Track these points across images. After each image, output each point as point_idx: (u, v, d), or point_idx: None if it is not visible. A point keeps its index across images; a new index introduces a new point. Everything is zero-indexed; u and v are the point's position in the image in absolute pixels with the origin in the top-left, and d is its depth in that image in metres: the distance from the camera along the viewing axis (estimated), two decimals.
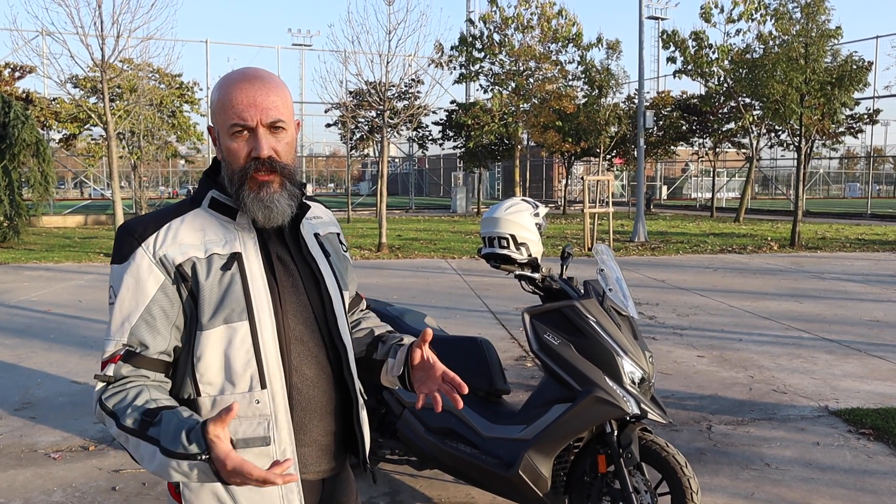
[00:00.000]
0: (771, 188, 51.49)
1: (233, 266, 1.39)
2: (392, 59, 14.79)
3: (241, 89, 1.37)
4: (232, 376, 1.38)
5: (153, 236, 1.38)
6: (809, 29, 15.45)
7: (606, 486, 2.90)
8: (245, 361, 1.38)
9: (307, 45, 38.62)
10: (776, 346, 6.65)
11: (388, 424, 3.44)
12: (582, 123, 25.09)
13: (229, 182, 1.42)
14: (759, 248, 15.69)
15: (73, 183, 44.71)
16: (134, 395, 1.32)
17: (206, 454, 1.20)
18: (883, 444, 4.26)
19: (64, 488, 3.64)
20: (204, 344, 1.37)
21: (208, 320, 1.36)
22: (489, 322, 7.73)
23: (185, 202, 1.47)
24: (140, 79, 17.91)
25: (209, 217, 1.44)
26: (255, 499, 1.39)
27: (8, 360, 6.13)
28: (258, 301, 1.39)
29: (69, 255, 14.16)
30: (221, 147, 1.42)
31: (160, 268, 1.37)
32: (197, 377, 1.38)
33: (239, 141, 1.38)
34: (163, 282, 1.36)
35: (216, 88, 1.42)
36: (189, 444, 1.21)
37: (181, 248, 1.38)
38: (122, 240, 1.39)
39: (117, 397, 1.32)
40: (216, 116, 1.41)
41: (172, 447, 1.23)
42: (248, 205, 1.39)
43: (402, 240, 17.47)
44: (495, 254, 3.09)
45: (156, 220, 1.42)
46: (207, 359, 1.37)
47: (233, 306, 1.37)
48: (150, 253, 1.37)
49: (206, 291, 1.37)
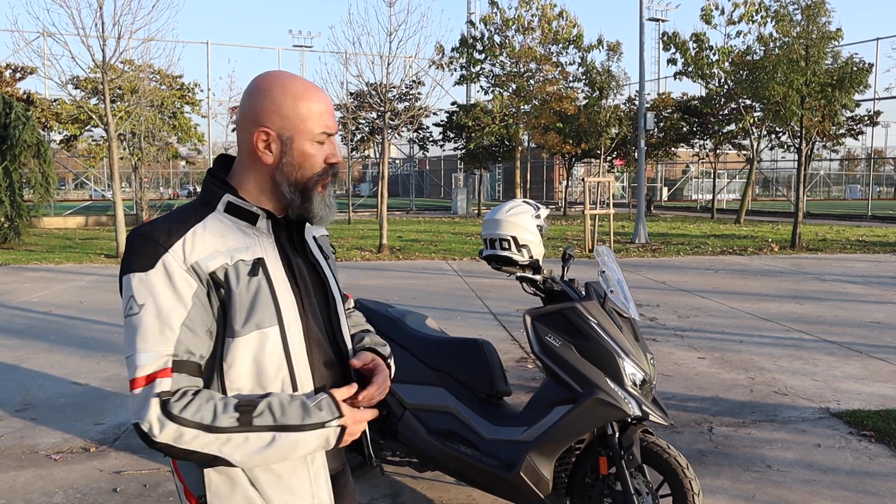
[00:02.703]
0: (771, 190, 51.48)
1: (258, 271, 1.39)
2: (393, 61, 14.81)
3: (324, 101, 1.44)
4: (264, 381, 1.38)
5: (179, 242, 1.34)
6: (810, 31, 15.46)
7: (608, 488, 2.90)
8: (277, 366, 1.39)
9: (308, 47, 38.65)
10: (777, 348, 6.65)
11: (389, 426, 3.43)
12: (583, 125, 25.08)
13: (293, 185, 1.42)
14: (760, 250, 15.69)
15: (73, 184, 44.73)
16: (207, 398, 1.30)
17: (339, 416, 1.36)
18: (884, 446, 4.25)
19: (65, 490, 3.64)
20: (235, 351, 1.36)
21: (241, 326, 1.36)
22: (490, 323, 7.73)
23: (196, 206, 1.43)
24: (141, 80, 17.91)
25: (227, 222, 1.41)
26: (287, 499, 1.41)
27: (9, 361, 6.13)
28: (285, 305, 1.41)
29: (70, 256, 14.17)
30: (292, 152, 1.42)
31: (192, 275, 1.33)
32: (226, 384, 1.36)
33: (318, 147, 1.44)
34: (196, 289, 1.33)
35: (286, 94, 1.41)
36: (323, 413, 1.35)
37: (211, 254, 1.35)
38: (144, 246, 1.33)
39: (193, 406, 1.28)
40: (287, 122, 1.40)
41: (305, 421, 1.33)
42: (316, 205, 1.44)
43: (402, 241, 17.47)
44: (497, 255, 3.09)
45: (177, 224, 1.37)
46: (238, 365, 1.37)
47: (263, 311, 1.37)
48: (181, 259, 1.33)
49: (238, 298, 1.36)
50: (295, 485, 1.41)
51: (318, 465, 1.45)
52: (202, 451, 1.28)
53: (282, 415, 1.32)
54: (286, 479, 1.41)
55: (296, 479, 1.42)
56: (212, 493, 1.38)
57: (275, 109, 1.40)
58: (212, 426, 1.27)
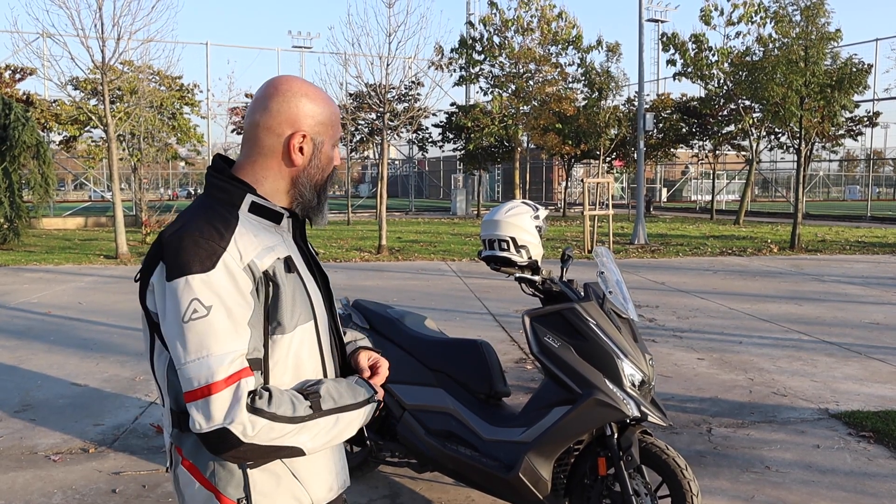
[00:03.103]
0: (771, 190, 51.50)
1: (292, 269, 1.43)
2: (392, 62, 14.83)
3: (334, 105, 1.53)
4: (302, 375, 1.44)
5: (232, 242, 1.34)
6: (809, 31, 15.47)
7: (607, 489, 2.90)
8: (313, 358, 1.46)
9: (307, 48, 38.61)
10: (776, 349, 6.65)
11: (387, 427, 3.44)
12: (582, 126, 25.09)
13: (314, 187, 1.50)
14: (759, 251, 15.69)
15: (73, 185, 44.71)
16: (280, 392, 1.34)
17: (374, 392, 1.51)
18: (883, 447, 4.25)
19: (64, 490, 3.64)
20: (281, 347, 1.39)
21: (289, 322, 1.39)
22: (489, 324, 7.73)
23: (216, 205, 1.41)
24: (140, 81, 17.91)
25: (253, 221, 1.42)
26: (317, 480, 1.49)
27: (8, 362, 6.13)
28: (316, 300, 1.48)
29: (69, 256, 14.16)
30: (321, 155, 1.49)
31: (248, 273, 1.34)
32: (270, 381, 1.38)
33: (335, 152, 1.54)
34: (251, 287, 1.34)
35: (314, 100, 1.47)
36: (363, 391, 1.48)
37: (261, 252, 1.37)
38: (198, 247, 1.31)
39: (275, 401, 1.31)
40: (321, 127, 1.48)
41: (357, 399, 1.45)
42: (325, 207, 1.54)
43: (402, 242, 17.47)
44: (496, 256, 3.10)
45: (220, 224, 1.36)
46: (283, 362, 1.40)
47: (301, 308, 1.42)
48: (238, 258, 1.33)
49: (285, 295, 1.39)
50: (324, 468, 1.51)
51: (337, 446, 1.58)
52: (284, 443, 1.32)
53: (339, 397, 1.41)
54: (318, 463, 1.49)
55: (325, 462, 1.51)
56: (257, 493, 1.39)
57: (311, 114, 1.46)
58: (294, 417, 1.32)
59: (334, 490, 1.54)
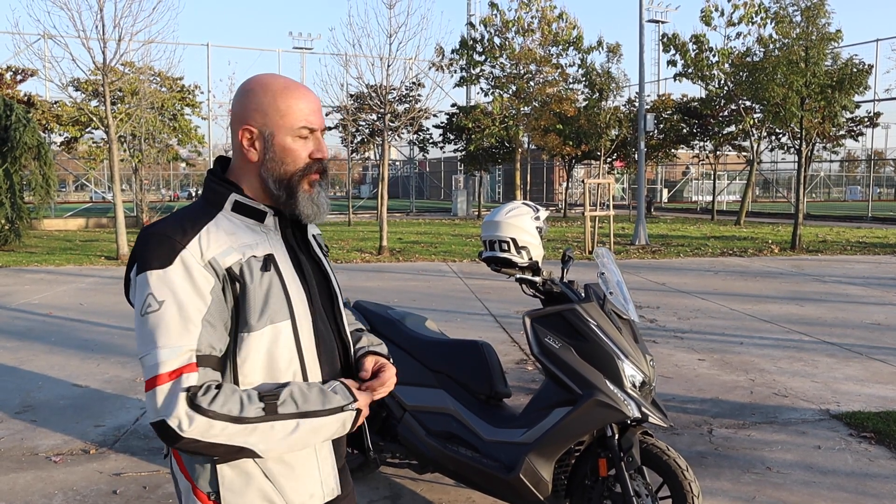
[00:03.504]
0: (772, 191, 51.47)
1: (270, 267, 1.43)
2: (393, 63, 14.82)
3: (304, 96, 1.47)
4: (276, 374, 1.41)
5: (195, 240, 1.37)
6: (810, 32, 15.46)
7: (607, 490, 2.90)
8: (289, 359, 1.42)
9: (308, 49, 38.65)
10: (777, 350, 6.65)
11: (388, 428, 3.43)
12: (582, 126, 25.08)
13: (278, 182, 1.46)
14: (760, 252, 15.68)
15: (74, 186, 44.75)
16: (232, 390, 1.33)
17: (354, 400, 1.43)
18: (884, 448, 4.25)
19: (65, 492, 3.64)
20: (249, 345, 1.39)
21: (256, 321, 1.39)
22: (490, 325, 7.73)
23: (203, 206, 1.46)
24: (141, 82, 17.94)
25: (235, 220, 1.45)
26: (297, 487, 1.44)
27: (9, 363, 6.14)
28: (296, 300, 1.45)
29: (70, 257, 14.17)
30: (274, 147, 1.46)
31: (209, 270, 1.36)
32: (239, 378, 1.39)
33: (300, 143, 1.47)
34: (213, 284, 1.36)
35: (265, 92, 1.46)
36: (339, 397, 1.41)
37: (226, 251, 1.38)
38: (159, 244, 1.35)
39: (220, 399, 1.30)
40: (274, 118, 1.45)
41: (325, 406, 1.39)
42: (301, 203, 1.47)
43: (402, 243, 17.47)
44: (496, 257, 3.10)
45: (190, 223, 1.40)
46: (252, 359, 1.39)
47: (276, 306, 1.41)
48: (198, 256, 1.35)
49: (252, 293, 1.39)
50: (305, 473, 1.45)
51: (325, 452, 1.49)
52: (229, 442, 1.30)
53: (304, 402, 1.36)
54: (297, 468, 1.44)
55: (306, 467, 1.45)
56: (226, 489, 1.39)
57: (256, 107, 1.45)
58: (240, 417, 1.30)
59: (317, 497, 1.47)
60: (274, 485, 1.41)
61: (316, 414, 1.37)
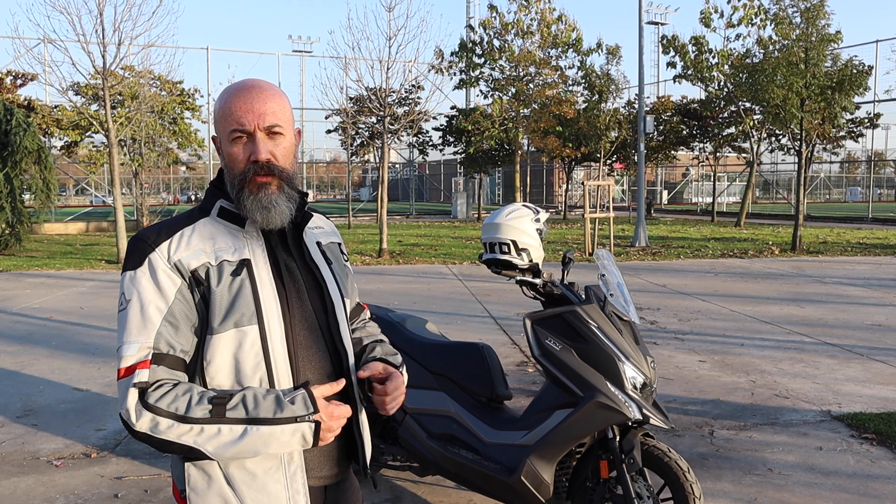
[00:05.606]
0: (772, 192, 51.46)
1: (242, 272, 1.43)
2: (392, 65, 14.83)
3: (240, 97, 1.44)
4: (242, 379, 1.41)
5: (166, 243, 1.42)
6: (809, 33, 15.47)
7: (609, 492, 2.90)
8: (255, 364, 1.41)
9: (308, 52, 38.73)
10: (778, 351, 6.65)
11: (389, 430, 3.44)
12: (582, 128, 25.05)
13: (230, 187, 1.47)
14: (761, 253, 15.68)
15: (74, 190, 44.77)
16: (185, 390, 1.35)
17: (314, 412, 1.35)
18: (886, 449, 4.25)
19: (66, 496, 3.64)
20: (214, 347, 1.40)
21: (219, 324, 1.40)
22: (490, 327, 7.73)
23: (194, 211, 1.51)
24: (141, 86, 17.96)
25: (218, 225, 1.48)
26: (261, 499, 1.41)
27: (10, 367, 6.14)
28: (267, 306, 1.43)
29: (71, 262, 14.18)
30: (223, 154, 1.48)
31: (175, 272, 1.40)
32: (207, 380, 1.41)
33: (238, 146, 1.44)
34: (179, 285, 1.39)
35: (218, 99, 1.49)
36: (296, 408, 1.35)
37: (194, 253, 1.41)
38: (135, 247, 1.42)
39: (169, 397, 1.33)
40: (218, 124, 1.48)
41: (277, 415, 1.34)
42: (248, 207, 1.44)
43: (402, 245, 17.47)
44: (496, 259, 3.10)
45: (168, 228, 1.46)
46: (217, 362, 1.40)
47: (243, 310, 1.41)
48: (165, 258, 1.40)
49: (218, 296, 1.40)
50: (270, 485, 1.42)
51: (294, 466, 1.44)
52: (178, 441, 1.32)
53: (255, 408, 1.34)
54: (261, 478, 1.42)
55: (271, 479, 1.42)
56: (190, 488, 1.41)
57: (215, 114, 1.50)
58: (185, 417, 1.31)
59: None
60: (235, 491, 1.41)
61: (266, 422, 1.33)
